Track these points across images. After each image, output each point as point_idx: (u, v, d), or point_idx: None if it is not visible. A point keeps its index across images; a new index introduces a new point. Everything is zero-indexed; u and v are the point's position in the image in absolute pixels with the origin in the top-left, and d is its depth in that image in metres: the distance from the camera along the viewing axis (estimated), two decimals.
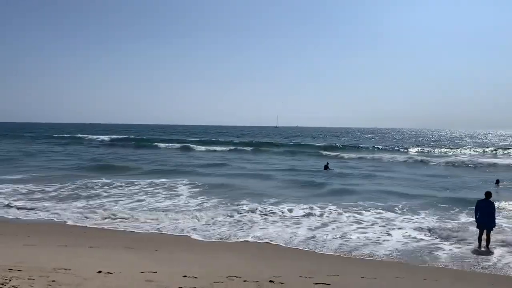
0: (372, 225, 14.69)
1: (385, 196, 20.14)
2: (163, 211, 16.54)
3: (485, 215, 11.82)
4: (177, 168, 32.22)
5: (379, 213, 16.43)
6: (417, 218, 15.62)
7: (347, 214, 16.13)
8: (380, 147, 57.97)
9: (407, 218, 15.62)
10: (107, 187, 22.20)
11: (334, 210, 16.74)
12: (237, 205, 17.68)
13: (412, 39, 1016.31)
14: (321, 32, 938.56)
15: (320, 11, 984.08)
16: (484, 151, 52.99)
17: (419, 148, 56.63)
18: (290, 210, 16.70)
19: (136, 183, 23.48)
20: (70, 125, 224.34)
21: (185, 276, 8.35)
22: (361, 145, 61.44)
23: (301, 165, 36.08)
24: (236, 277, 8.45)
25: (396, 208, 17.23)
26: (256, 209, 16.80)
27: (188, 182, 23.89)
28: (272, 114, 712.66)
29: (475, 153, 51.25)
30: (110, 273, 8.17)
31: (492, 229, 11.86)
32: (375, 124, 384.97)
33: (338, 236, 13.25)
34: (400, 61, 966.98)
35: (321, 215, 15.99)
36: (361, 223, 14.89)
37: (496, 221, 12.00)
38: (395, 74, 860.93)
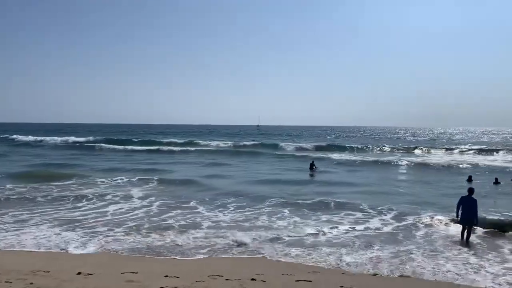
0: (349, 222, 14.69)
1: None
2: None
3: (468, 211, 12.10)
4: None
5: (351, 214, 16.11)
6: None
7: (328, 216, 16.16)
8: (359, 146, 56.83)
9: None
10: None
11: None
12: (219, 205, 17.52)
13: (392, 38, 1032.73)
14: (302, 30, 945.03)
15: (300, 9, 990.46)
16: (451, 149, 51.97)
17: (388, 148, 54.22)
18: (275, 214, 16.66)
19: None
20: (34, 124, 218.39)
21: (166, 276, 8.33)
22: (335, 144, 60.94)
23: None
24: (218, 276, 8.47)
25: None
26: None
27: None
28: (255, 113, 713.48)
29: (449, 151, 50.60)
30: (90, 274, 8.10)
31: (474, 225, 12.21)
32: (355, 122, 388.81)
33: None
34: (381, 60, 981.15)
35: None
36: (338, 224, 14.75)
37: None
38: (376, 73, 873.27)
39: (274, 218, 14.99)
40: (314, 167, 31.18)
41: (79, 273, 7.93)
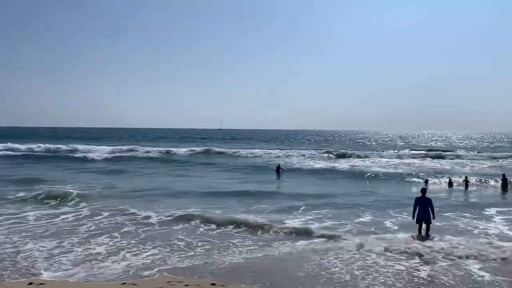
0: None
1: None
2: None
3: (424, 211, 12.64)
4: None
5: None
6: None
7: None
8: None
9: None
10: None
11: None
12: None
13: (354, 42, 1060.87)
14: (264, 34, 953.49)
15: (263, 11, 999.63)
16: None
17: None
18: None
19: None
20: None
21: (123, 284, 8.13)
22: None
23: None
24: (178, 282, 8.36)
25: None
26: None
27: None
28: (216, 116, 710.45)
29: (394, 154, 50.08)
30: (42, 284, 7.76)
31: (431, 222, 12.77)
32: (313, 126, 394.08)
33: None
34: (342, 64, 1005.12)
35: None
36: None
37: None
38: (336, 76, 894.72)
39: None
40: (281, 169, 31.75)
41: (30, 284, 7.57)
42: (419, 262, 10.06)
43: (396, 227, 13.72)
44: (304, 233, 12.77)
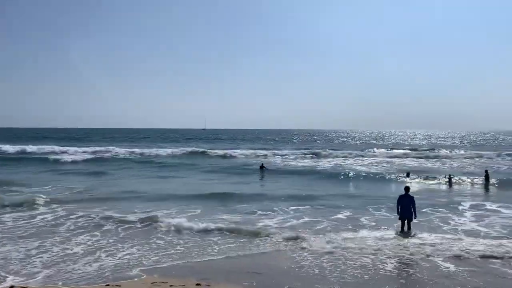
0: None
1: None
2: None
3: (406, 208, 13.11)
4: None
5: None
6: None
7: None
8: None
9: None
10: None
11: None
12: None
13: (334, 44, 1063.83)
14: (245, 33, 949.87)
15: (247, 14, 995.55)
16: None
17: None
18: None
19: None
20: None
21: (107, 285, 8.35)
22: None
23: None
24: (162, 282, 8.54)
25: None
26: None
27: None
28: (200, 115, 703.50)
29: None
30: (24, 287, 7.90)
31: (413, 220, 13.21)
32: (293, 125, 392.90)
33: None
34: (324, 65, 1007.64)
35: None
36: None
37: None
38: (317, 76, 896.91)
39: None
40: (263, 168, 32.23)
41: None
42: (387, 256, 10.56)
43: (373, 223, 14.27)
44: (274, 232, 12.88)
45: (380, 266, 9.86)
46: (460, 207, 17.19)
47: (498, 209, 17.03)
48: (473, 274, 9.29)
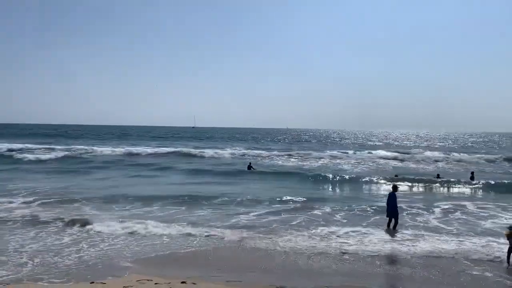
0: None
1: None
2: None
3: (391, 206, 13.57)
4: None
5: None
6: None
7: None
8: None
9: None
10: None
11: None
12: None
13: (311, 44, 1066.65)
14: (229, 34, 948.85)
15: (235, 14, 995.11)
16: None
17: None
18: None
19: None
20: None
21: (92, 283, 8.21)
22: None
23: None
24: (148, 280, 8.44)
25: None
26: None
27: None
28: (190, 113, 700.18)
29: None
30: (7, 284, 7.74)
31: (397, 217, 13.64)
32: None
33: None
34: (299, 64, 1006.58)
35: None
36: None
37: None
38: (306, 75, 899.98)
39: None
40: (251, 168, 31.93)
41: None
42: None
43: (344, 220, 14.86)
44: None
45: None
46: (434, 205, 17.66)
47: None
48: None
